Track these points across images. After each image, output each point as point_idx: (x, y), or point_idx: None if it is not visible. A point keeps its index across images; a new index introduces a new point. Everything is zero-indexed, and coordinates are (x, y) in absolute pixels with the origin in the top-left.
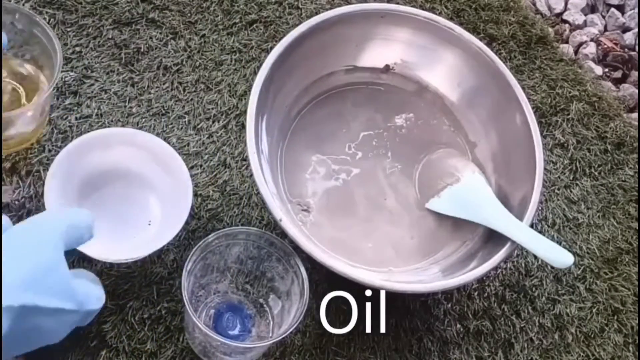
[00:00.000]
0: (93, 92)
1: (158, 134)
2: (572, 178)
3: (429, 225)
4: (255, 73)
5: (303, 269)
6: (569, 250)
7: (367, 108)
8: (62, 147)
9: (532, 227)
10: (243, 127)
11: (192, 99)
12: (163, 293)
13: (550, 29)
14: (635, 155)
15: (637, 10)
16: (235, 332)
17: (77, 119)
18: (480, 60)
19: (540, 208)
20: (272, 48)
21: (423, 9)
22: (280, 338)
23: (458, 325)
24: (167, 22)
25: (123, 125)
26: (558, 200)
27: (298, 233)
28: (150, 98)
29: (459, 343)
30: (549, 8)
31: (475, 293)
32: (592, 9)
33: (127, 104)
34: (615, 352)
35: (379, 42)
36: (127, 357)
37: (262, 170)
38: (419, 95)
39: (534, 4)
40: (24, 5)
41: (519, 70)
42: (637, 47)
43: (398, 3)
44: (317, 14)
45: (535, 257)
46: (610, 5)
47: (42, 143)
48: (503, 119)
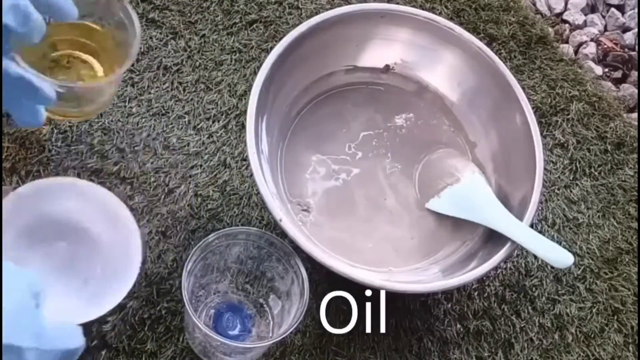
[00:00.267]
0: None
1: (158, 134)
2: (572, 178)
3: (429, 225)
4: (255, 73)
5: (303, 269)
6: (569, 250)
7: (367, 108)
8: (62, 147)
9: (532, 227)
10: (243, 127)
11: (192, 99)
12: (163, 293)
13: (550, 29)
14: (635, 155)
15: (637, 10)
16: (235, 332)
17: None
18: (480, 60)
19: (540, 208)
20: (272, 48)
21: (423, 9)
22: (280, 338)
23: (458, 325)
24: (167, 22)
25: (123, 125)
26: (558, 200)
27: (298, 233)
28: (150, 98)
29: (459, 343)
30: (549, 8)
31: (475, 293)
32: (592, 9)
33: (127, 104)
34: (615, 352)
35: (379, 42)
36: (127, 357)
37: (262, 170)
38: (419, 95)
39: (534, 4)
40: None
41: (519, 70)
42: (637, 47)
43: (398, 3)
44: (317, 14)
45: (535, 257)
46: (610, 5)
47: (42, 143)
48: (503, 119)
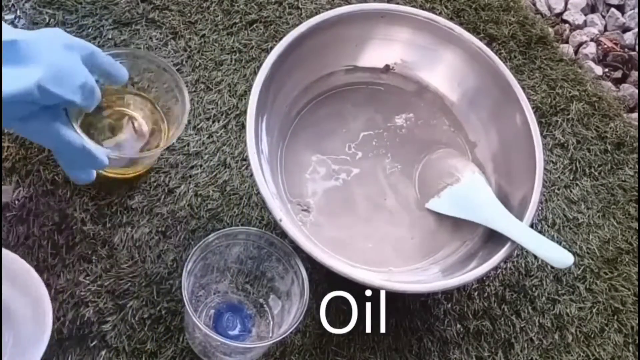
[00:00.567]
0: None
1: None
2: (572, 178)
3: (429, 225)
4: (255, 73)
5: (303, 269)
6: (569, 250)
7: (367, 108)
8: None
9: (532, 227)
10: (243, 127)
11: (192, 99)
12: (163, 293)
13: (550, 29)
14: (635, 155)
15: (637, 10)
16: (235, 332)
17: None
18: (480, 60)
19: (540, 208)
20: (272, 48)
21: (423, 9)
22: (280, 338)
23: (458, 325)
24: (167, 22)
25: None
26: (558, 200)
27: (298, 233)
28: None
29: (459, 343)
30: (549, 8)
31: (475, 293)
32: (592, 9)
33: None
34: (615, 352)
35: (379, 42)
36: (127, 357)
37: (262, 170)
38: (419, 95)
39: (534, 4)
40: (24, 5)
41: (519, 70)
42: (637, 47)
43: (398, 3)
44: (317, 14)
45: (535, 257)
46: (610, 5)
47: None
48: (503, 119)
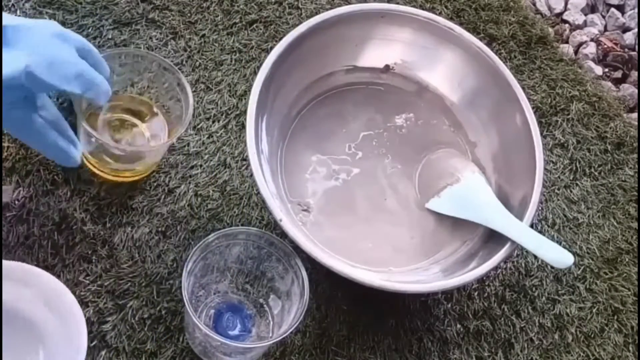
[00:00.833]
0: None
1: None
2: (572, 178)
3: (429, 225)
4: (255, 73)
5: (303, 269)
6: (569, 250)
7: (367, 108)
8: None
9: (532, 227)
10: (243, 127)
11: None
12: (163, 293)
13: (550, 29)
14: (635, 155)
15: (637, 10)
16: (236, 332)
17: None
18: (480, 60)
19: (540, 208)
20: (272, 48)
21: (423, 9)
22: (280, 338)
23: (458, 325)
24: (167, 22)
25: None
26: (558, 200)
27: (298, 233)
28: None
29: (459, 343)
30: (549, 8)
31: (475, 293)
32: (592, 9)
33: None
34: (615, 352)
35: (379, 42)
36: (127, 357)
37: (262, 170)
38: (419, 95)
39: (534, 4)
40: (24, 5)
41: (519, 70)
42: (637, 47)
43: (398, 3)
44: (317, 14)
45: (535, 257)
46: (610, 5)
47: None
48: (503, 119)
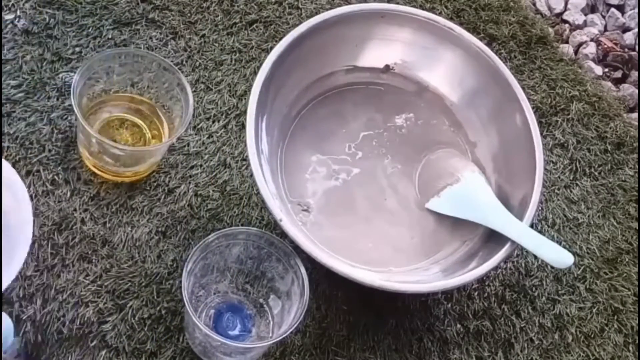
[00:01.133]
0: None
1: None
2: (572, 178)
3: (429, 225)
4: (255, 73)
5: (303, 269)
6: (569, 250)
7: (367, 108)
8: (62, 147)
9: (532, 227)
10: (243, 127)
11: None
12: (163, 293)
13: (550, 29)
14: (635, 155)
15: (637, 10)
16: (236, 332)
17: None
18: (480, 60)
19: (540, 208)
20: (272, 48)
21: (423, 9)
22: (280, 338)
23: (458, 325)
24: (167, 22)
25: None
26: (558, 200)
27: (298, 233)
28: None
29: (459, 343)
30: (549, 8)
31: (475, 293)
32: (592, 9)
33: None
34: (615, 352)
35: (379, 42)
36: (127, 357)
37: (262, 170)
38: (419, 95)
39: (534, 4)
40: (24, 5)
41: (519, 70)
42: (637, 47)
43: (398, 3)
44: (317, 14)
45: (535, 257)
46: (610, 5)
47: (42, 143)
48: (503, 119)
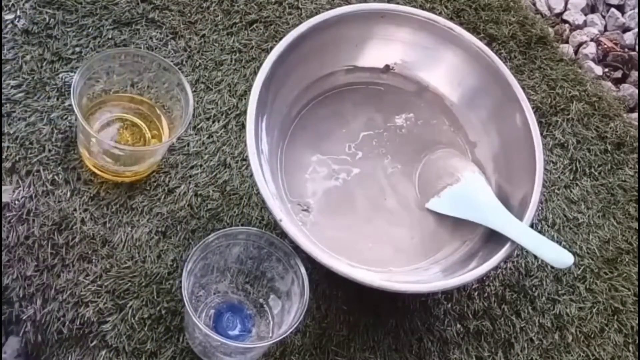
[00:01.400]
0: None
1: None
2: (572, 178)
3: (429, 225)
4: (255, 73)
5: (303, 269)
6: (569, 250)
7: (367, 108)
8: (62, 147)
9: (532, 227)
10: (243, 127)
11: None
12: (163, 293)
13: (550, 29)
14: (635, 155)
15: (637, 10)
16: (236, 332)
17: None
18: (480, 60)
19: (540, 208)
20: (272, 48)
21: (423, 9)
22: (280, 338)
23: (458, 325)
24: (167, 22)
25: None
26: (558, 200)
27: (298, 233)
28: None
29: (459, 343)
30: (549, 8)
31: (475, 293)
32: (592, 9)
33: None
34: (615, 352)
35: (379, 42)
36: (127, 357)
37: (262, 170)
38: (419, 95)
39: (534, 4)
40: (24, 5)
41: (519, 70)
42: (637, 47)
43: (398, 3)
44: (317, 14)
45: (535, 257)
46: (610, 5)
47: (42, 143)
48: (503, 119)
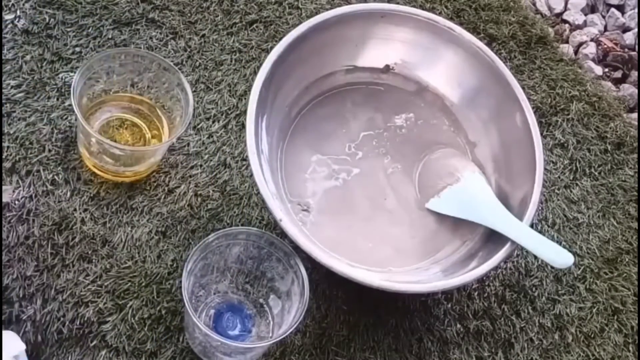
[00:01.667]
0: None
1: None
2: (572, 178)
3: (429, 225)
4: (255, 73)
5: (303, 269)
6: (569, 250)
7: (367, 108)
8: (62, 147)
9: (532, 227)
10: (243, 127)
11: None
12: (163, 293)
13: (550, 29)
14: (635, 155)
15: (637, 10)
16: (235, 332)
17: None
18: (481, 60)
19: (540, 208)
20: (272, 48)
21: (423, 9)
22: (280, 338)
23: (458, 325)
24: (167, 22)
25: None
26: (558, 200)
27: (298, 233)
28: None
29: (459, 343)
30: (549, 8)
31: (475, 293)
32: (592, 9)
33: None
34: (615, 352)
35: (379, 42)
36: (127, 357)
37: (262, 170)
38: (419, 95)
39: (534, 4)
40: (24, 5)
41: (519, 70)
42: (637, 47)
43: (398, 3)
44: (317, 14)
45: (535, 257)
46: (610, 5)
47: (42, 143)
48: (503, 119)
